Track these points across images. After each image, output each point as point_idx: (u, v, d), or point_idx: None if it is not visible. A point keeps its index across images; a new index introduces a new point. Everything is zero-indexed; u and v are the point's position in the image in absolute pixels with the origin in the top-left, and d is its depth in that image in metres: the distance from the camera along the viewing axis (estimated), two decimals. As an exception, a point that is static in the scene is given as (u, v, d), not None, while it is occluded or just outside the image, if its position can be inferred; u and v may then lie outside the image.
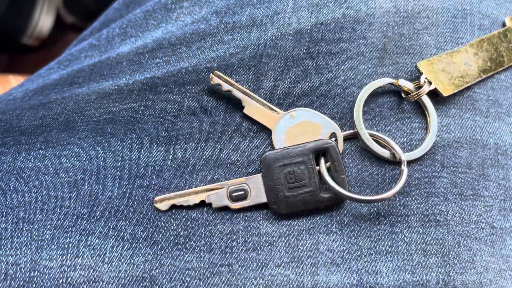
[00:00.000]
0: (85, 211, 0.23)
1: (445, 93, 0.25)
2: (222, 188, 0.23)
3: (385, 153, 0.24)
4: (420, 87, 0.25)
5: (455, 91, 0.25)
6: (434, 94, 0.25)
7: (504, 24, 0.28)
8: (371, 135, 0.24)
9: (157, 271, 0.22)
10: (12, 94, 0.29)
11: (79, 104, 0.26)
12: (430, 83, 0.25)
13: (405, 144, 0.25)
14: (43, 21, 0.70)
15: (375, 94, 0.25)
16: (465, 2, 0.28)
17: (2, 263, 0.23)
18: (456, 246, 0.23)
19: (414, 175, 0.24)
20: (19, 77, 0.52)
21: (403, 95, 0.25)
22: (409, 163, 0.24)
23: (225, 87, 0.25)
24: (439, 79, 0.25)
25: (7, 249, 0.23)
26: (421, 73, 0.25)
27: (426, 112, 0.25)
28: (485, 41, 0.27)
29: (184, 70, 0.26)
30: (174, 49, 0.27)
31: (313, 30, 0.26)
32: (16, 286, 0.22)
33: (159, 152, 0.25)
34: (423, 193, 0.24)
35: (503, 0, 0.29)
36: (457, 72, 0.26)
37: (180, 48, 0.27)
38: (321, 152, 0.23)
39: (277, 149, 0.23)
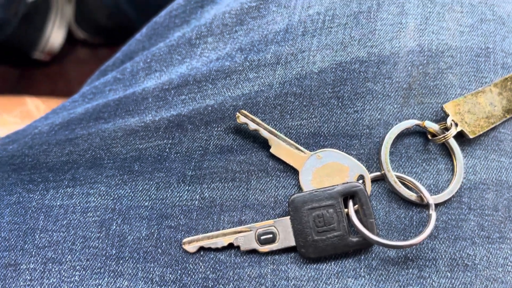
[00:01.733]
0: (114, 251, 0.24)
1: (471, 135, 0.25)
2: (251, 231, 0.23)
3: (413, 196, 0.24)
4: (446, 128, 0.25)
5: (481, 133, 0.25)
6: (459, 135, 0.25)
7: None
8: (398, 177, 0.24)
9: None
10: (38, 128, 0.29)
11: (106, 141, 0.27)
12: (456, 125, 0.25)
13: (432, 186, 0.25)
14: (55, 36, 0.71)
15: (401, 135, 0.25)
16: (488, 40, 0.28)
17: (32, 305, 0.23)
18: (484, 290, 0.23)
19: (441, 218, 0.24)
20: (35, 98, 0.52)
21: (429, 136, 0.25)
22: (436, 205, 0.24)
23: (252, 126, 0.25)
24: (465, 120, 0.25)
25: None
26: (447, 115, 0.25)
27: (452, 154, 0.25)
28: (509, 80, 0.27)
29: (210, 108, 0.27)
30: (199, 86, 0.27)
31: (338, 69, 0.26)
32: (46, 329, 0.22)
33: (186, 192, 0.25)
34: (450, 236, 0.24)
35: (525, 37, 0.29)
36: (482, 113, 0.26)
37: (205, 85, 0.27)
38: (349, 195, 0.24)
39: (305, 191, 0.24)
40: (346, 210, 0.24)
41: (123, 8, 0.67)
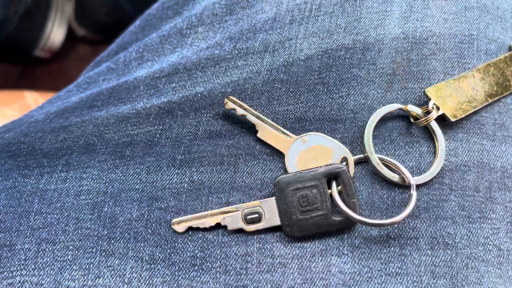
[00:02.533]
0: (105, 232, 0.24)
1: (453, 118, 0.26)
2: (237, 211, 0.24)
3: (395, 177, 0.25)
4: (428, 112, 0.26)
5: (463, 116, 0.26)
6: (442, 119, 0.26)
7: (510, 49, 0.29)
8: (381, 159, 0.25)
9: None
10: (33, 117, 0.30)
11: (99, 128, 0.28)
12: (438, 108, 0.26)
13: (414, 168, 0.25)
14: (55, 34, 0.71)
15: (385, 119, 0.26)
16: (472, 27, 0.29)
17: (26, 283, 0.24)
18: (464, 268, 0.24)
19: (423, 198, 0.25)
20: (34, 92, 0.53)
21: (412, 120, 0.26)
22: (418, 186, 0.25)
23: (240, 111, 0.26)
24: (446, 104, 0.26)
25: (31, 269, 0.24)
26: (429, 99, 0.26)
27: (434, 137, 0.26)
28: (491, 65, 0.28)
29: (199, 95, 0.27)
30: (189, 74, 0.28)
31: (324, 56, 0.27)
32: (40, 305, 0.23)
33: (176, 175, 0.26)
34: (431, 216, 0.24)
35: (509, 25, 0.30)
36: (465, 97, 0.27)
37: (195, 73, 0.28)
38: (332, 177, 0.24)
39: (290, 173, 0.24)
40: (329, 190, 0.24)
41: (122, 5, 0.68)
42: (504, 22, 0.29)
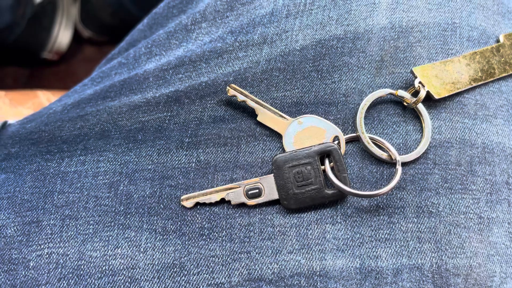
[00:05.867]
0: (122, 208, 0.27)
1: (437, 96, 0.28)
2: (239, 187, 0.27)
3: (383, 155, 0.27)
4: (416, 92, 0.28)
5: (446, 95, 0.28)
6: (427, 98, 0.28)
7: (498, 40, 0.31)
8: (371, 138, 0.27)
9: (185, 258, 0.26)
10: (52, 108, 0.32)
11: (112, 116, 0.30)
12: (423, 86, 0.28)
13: (401, 145, 0.28)
14: (62, 36, 0.73)
15: (374, 102, 0.28)
16: (455, 16, 0.31)
17: (53, 254, 0.26)
18: (447, 234, 0.26)
19: (409, 172, 0.27)
20: (47, 92, 0.56)
21: (405, 104, 0.28)
22: (405, 162, 0.27)
23: (240, 98, 0.28)
24: (432, 83, 0.28)
25: (57, 242, 0.26)
26: (415, 77, 0.28)
27: (421, 119, 0.28)
28: (477, 54, 0.30)
29: (204, 84, 0.30)
30: (194, 65, 0.31)
31: (317, 45, 0.30)
32: (66, 273, 0.26)
33: (184, 156, 0.28)
34: (417, 187, 0.27)
35: (491, 13, 0.32)
36: (449, 78, 0.29)
37: (200, 65, 0.31)
38: (325, 154, 0.27)
39: (287, 152, 0.27)
40: (323, 167, 0.27)
41: (126, 6, 0.70)
42: (486, 11, 0.32)
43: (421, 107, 0.28)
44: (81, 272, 0.26)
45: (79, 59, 0.80)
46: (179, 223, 0.27)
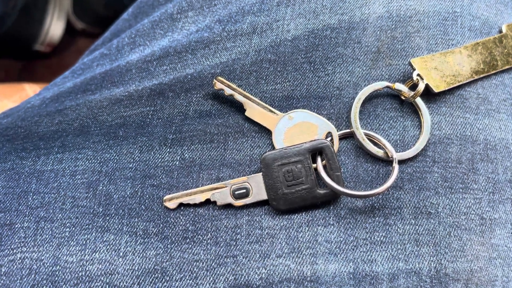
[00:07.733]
0: (101, 209, 0.25)
1: (436, 89, 0.26)
2: (226, 187, 0.25)
3: (379, 152, 0.25)
4: (414, 85, 0.26)
5: (446, 88, 0.27)
6: (425, 92, 0.27)
7: (500, 31, 0.29)
8: (366, 134, 0.26)
9: (167, 263, 0.24)
10: (30, 102, 0.31)
11: (93, 110, 0.28)
12: (422, 79, 0.26)
13: (398, 141, 0.26)
14: (54, 28, 0.71)
15: (370, 95, 0.27)
16: (456, 5, 0.29)
17: (26, 259, 0.25)
18: (447, 236, 0.25)
19: (407, 170, 0.25)
20: (34, 85, 0.54)
21: (402, 97, 0.27)
22: (403, 160, 0.26)
23: (228, 91, 0.27)
24: (431, 75, 0.27)
25: (30, 246, 0.25)
26: (413, 69, 0.26)
27: (420, 114, 0.26)
28: (480, 44, 0.28)
29: (189, 76, 0.28)
30: (180, 56, 0.29)
31: (310, 36, 0.28)
32: (40, 279, 0.24)
33: (167, 153, 0.26)
34: (415, 187, 0.25)
35: (493, 2, 0.30)
36: (450, 71, 0.27)
37: (185, 56, 0.29)
38: (317, 151, 0.25)
39: (276, 149, 0.25)
40: (314, 165, 0.25)
41: (118, -4, 0.68)
42: (488, 0, 0.30)
43: (419, 101, 0.26)
44: (56, 278, 0.24)
45: (71, 51, 0.79)
46: (161, 225, 0.25)
